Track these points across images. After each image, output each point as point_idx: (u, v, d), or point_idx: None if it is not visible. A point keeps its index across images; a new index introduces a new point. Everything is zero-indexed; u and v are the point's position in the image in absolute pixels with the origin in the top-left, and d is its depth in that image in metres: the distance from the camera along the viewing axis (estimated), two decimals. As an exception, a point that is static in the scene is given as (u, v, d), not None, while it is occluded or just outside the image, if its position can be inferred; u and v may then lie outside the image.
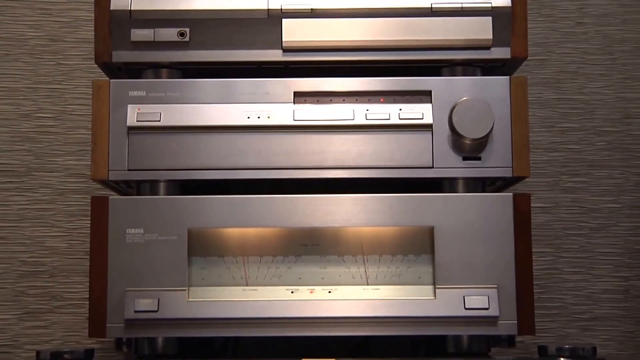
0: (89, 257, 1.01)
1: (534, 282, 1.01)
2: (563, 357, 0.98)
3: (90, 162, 1.03)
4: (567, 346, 0.99)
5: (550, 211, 1.38)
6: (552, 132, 1.39)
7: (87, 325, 1.00)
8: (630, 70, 1.41)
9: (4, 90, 1.40)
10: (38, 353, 1.00)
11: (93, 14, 1.04)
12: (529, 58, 1.06)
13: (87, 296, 1.00)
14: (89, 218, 1.01)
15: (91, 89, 1.03)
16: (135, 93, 1.03)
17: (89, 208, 1.01)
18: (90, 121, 1.03)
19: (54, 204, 1.38)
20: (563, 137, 1.39)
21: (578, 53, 1.41)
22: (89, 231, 1.01)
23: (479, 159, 1.01)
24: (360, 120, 1.01)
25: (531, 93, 1.05)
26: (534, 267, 1.01)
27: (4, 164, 1.38)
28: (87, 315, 1.00)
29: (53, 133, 1.39)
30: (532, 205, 1.01)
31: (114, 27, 1.03)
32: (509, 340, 1.08)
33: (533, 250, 1.01)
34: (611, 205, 1.38)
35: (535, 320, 1.00)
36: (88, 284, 1.00)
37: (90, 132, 1.03)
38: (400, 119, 1.01)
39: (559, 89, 1.40)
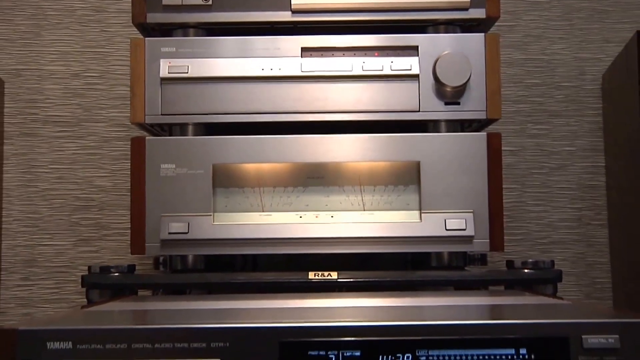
0: (130, 192, 1.00)
1: (504, 213, 1.00)
2: (527, 268, 0.98)
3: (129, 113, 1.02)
4: (530, 260, 0.99)
5: (517, 154, 1.37)
6: (519, 87, 1.38)
7: (130, 248, 0.99)
8: (585, 34, 1.39)
9: (56, 53, 1.38)
10: (89, 268, 0.99)
11: (131, -14, 1.02)
12: (500, 24, 1.04)
13: (130, 226, 0.99)
14: (130, 160, 1.00)
15: (129, 50, 1.02)
16: (167, 49, 1.02)
17: (129, 152, 1.00)
18: (129, 78, 1.01)
19: (101, 149, 1.37)
20: (528, 91, 1.38)
21: (542, 20, 1.39)
22: (130, 171, 1.00)
23: (459, 103, 1.01)
24: (357, 71, 1.00)
25: (502, 54, 1.04)
26: (503, 200, 1.00)
27: (58, 115, 1.37)
28: (130, 240, 0.99)
29: (99, 89, 1.37)
30: (502, 148, 1.00)
31: (148, -8, 1.03)
32: (482, 259, 1.08)
33: (503, 186, 1.00)
34: (568, 148, 1.37)
35: (504, 244, 1.00)
36: (130, 214, 0.99)
37: (129, 88, 1.01)
38: (391, 70, 1.00)
39: (525, 50, 1.39)
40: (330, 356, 0.66)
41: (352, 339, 0.66)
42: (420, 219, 0.99)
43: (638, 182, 1.10)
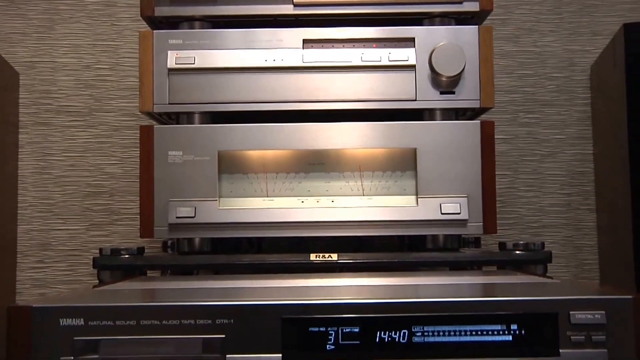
0: (139, 178, 1.00)
1: (496, 199, 0.99)
2: (518, 250, 0.98)
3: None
4: (521, 242, 0.99)
5: (509, 141, 1.36)
6: (511, 78, 1.37)
7: (139, 231, 0.99)
8: (575, 27, 1.38)
9: (69, 46, 1.37)
10: (101, 250, 1.00)
11: (139, -18, 1.02)
12: (493, 17, 1.04)
13: (139, 211, 0.99)
14: (139, 148, 1.00)
15: (138, 43, 1.02)
16: (174, 41, 1.01)
17: (138, 140, 1.00)
18: (138, 69, 1.01)
19: (111, 138, 1.36)
20: (520, 82, 1.38)
21: (532, 13, 1.38)
22: (139, 158, 1.00)
23: (453, 93, 1.00)
24: (356, 62, 1.00)
25: (495, 46, 1.04)
26: (496, 186, 1.00)
27: (70, 106, 1.36)
28: (139, 224, 0.99)
29: (109, 81, 1.37)
30: (495, 136, 1.00)
31: (156, -14, 1.02)
32: (476, 242, 1.08)
33: (496, 172, 1.00)
34: (558, 136, 1.37)
35: (497, 227, 0.99)
36: (139, 199, 0.99)
37: (138, 79, 1.01)
38: (389, 60, 1.00)
39: (517, 42, 1.38)
40: (330, 332, 0.66)
41: (351, 315, 0.66)
42: (417, 203, 0.98)
43: (624, 169, 1.10)
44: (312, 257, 0.96)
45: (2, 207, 1.24)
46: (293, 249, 1.10)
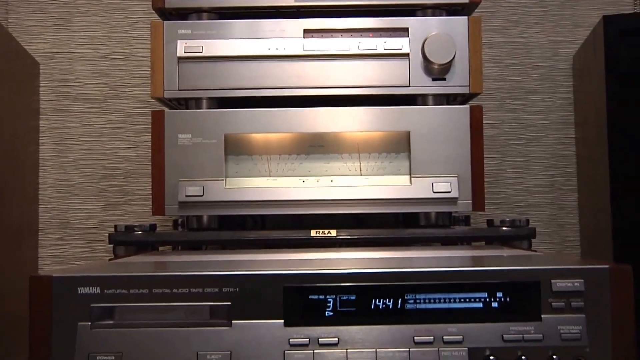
0: (151, 160, 1.00)
1: (485, 180, 0.99)
2: (505, 226, 0.98)
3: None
4: (507, 219, 0.99)
5: (497, 126, 1.36)
6: (499, 67, 1.37)
7: (152, 210, 1.00)
8: (558, 19, 1.37)
9: (85, 37, 1.37)
10: (116, 227, 1.00)
11: (152, -23, 1.02)
12: (482, 10, 1.03)
13: (151, 191, 0.99)
14: (151, 133, 1.00)
15: (150, 33, 1.01)
16: (183, 31, 1.01)
17: (150, 125, 1.00)
18: (150, 58, 1.01)
19: (125, 123, 1.36)
20: (507, 71, 1.37)
21: (519, 6, 1.38)
22: (151, 141, 1.00)
23: (445, 79, 1.00)
24: (354, 50, 1.00)
25: (483, 37, 1.03)
26: (484, 167, 0.99)
27: (87, 93, 1.36)
28: (151, 203, 0.99)
29: (123, 70, 1.37)
30: (484, 122, 1.00)
31: (166, -20, 1.02)
32: (465, 220, 1.08)
33: (484, 155, 1.00)
34: (542, 122, 1.37)
35: (485, 206, 0.99)
36: (151, 180, 0.99)
37: (150, 69, 1.01)
38: (384, 49, 1.00)
39: (505, 34, 1.37)
40: (329, 300, 0.66)
41: (348, 284, 0.67)
42: (410, 182, 0.98)
43: (604, 152, 1.10)
44: (313, 233, 0.96)
45: (24, 189, 1.24)
46: (294, 226, 1.10)
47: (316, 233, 0.96)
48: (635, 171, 1.05)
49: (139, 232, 0.98)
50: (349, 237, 0.96)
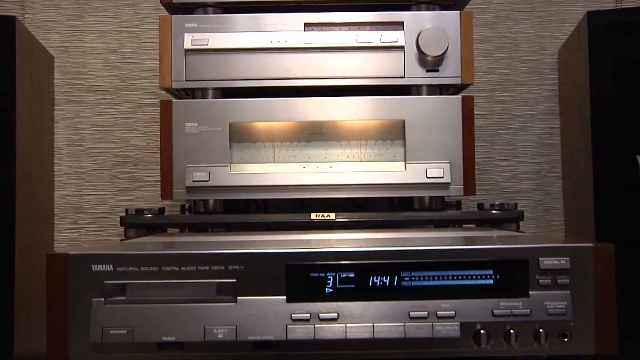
0: (159, 148, 0.99)
1: (475, 167, 0.99)
2: (494, 210, 0.98)
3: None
4: (497, 203, 0.99)
5: (487, 117, 1.36)
6: (489, 60, 1.36)
7: (160, 194, 0.99)
8: (544, 15, 1.37)
9: (97, 32, 1.36)
10: (127, 210, 0.99)
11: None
12: (473, 6, 1.03)
13: (160, 176, 0.99)
14: (159, 122, 0.99)
15: (158, 27, 1.01)
16: (190, 25, 1.00)
17: (159, 115, 0.99)
18: (158, 51, 1.00)
19: (135, 114, 1.36)
20: (497, 64, 1.37)
21: (507, 3, 1.37)
22: (159, 129, 1.00)
23: (438, 71, 1.00)
24: (352, 43, 0.99)
25: (474, 32, 1.02)
26: (475, 154, 0.99)
27: (99, 85, 1.36)
28: (160, 188, 0.99)
29: (133, 63, 1.36)
30: (474, 112, 1.00)
31: (173, -23, 1.01)
32: (457, 205, 1.07)
33: (475, 143, 0.99)
34: (529, 112, 1.36)
35: (476, 190, 0.99)
36: (160, 166, 0.99)
37: (158, 61, 1.00)
38: (381, 42, 0.99)
39: (494, 29, 1.37)
40: (329, 277, 0.66)
41: (347, 262, 0.66)
42: (405, 168, 0.98)
43: (587, 141, 1.10)
44: (313, 216, 0.96)
45: (41, 176, 1.23)
46: (296, 210, 1.09)
47: (316, 216, 0.96)
48: (615, 159, 1.05)
49: (149, 215, 0.98)
50: (347, 220, 0.96)
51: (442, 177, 0.97)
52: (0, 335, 0.95)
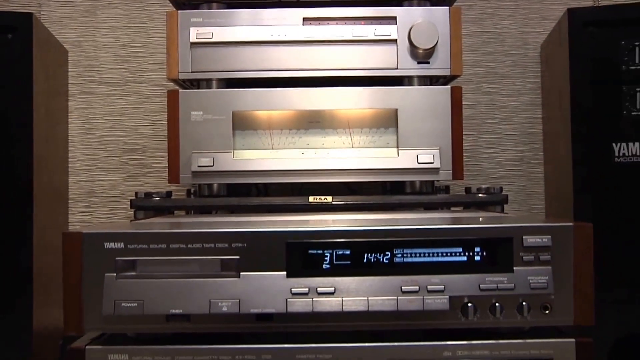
0: (167, 135, 0.99)
1: (463, 152, 0.99)
2: (481, 193, 0.97)
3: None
4: (483, 187, 0.98)
5: (474, 107, 1.35)
6: (476, 54, 1.36)
7: (168, 178, 0.99)
8: (528, 12, 1.36)
9: (108, 28, 1.35)
10: (136, 193, 0.99)
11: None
12: (461, 3, 1.02)
13: (167, 162, 0.98)
14: (166, 112, 0.99)
15: (165, 21, 1.00)
16: (195, 19, 1.00)
17: (166, 105, 0.99)
18: (165, 44, 1.00)
19: (144, 104, 1.35)
20: (483, 57, 1.36)
21: (493, 0, 1.36)
22: (167, 118, 0.99)
23: (428, 63, 0.99)
24: (348, 36, 0.99)
25: (462, 27, 1.02)
26: (463, 141, 0.99)
27: (110, 77, 1.35)
28: (167, 173, 0.98)
29: (141, 56, 1.35)
30: (462, 102, 0.99)
31: (179, -26, 1.00)
32: (446, 190, 1.07)
33: (463, 131, 0.99)
34: (513, 103, 1.36)
35: (463, 175, 0.99)
36: (167, 155, 0.98)
37: (166, 55, 1.00)
38: (375, 35, 0.99)
39: (481, 25, 1.36)
40: (326, 254, 0.66)
41: (343, 240, 0.66)
42: (398, 154, 0.98)
43: (566, 130, 1.09)
44: (310, 199, 0.96)
45: (56, 162, 1.23)
46: (295, 193, 1.09)
47: (314, 199, 0.96)
48: (593, 146, 1.04)
49: (157, 198, 0.98)
50: (342, 202, 0.96)
51: (432, 163, 0.96)
52: (20, 309, 0.95)
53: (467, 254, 0.66)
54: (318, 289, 0.65)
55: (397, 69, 0.99)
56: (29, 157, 0.98)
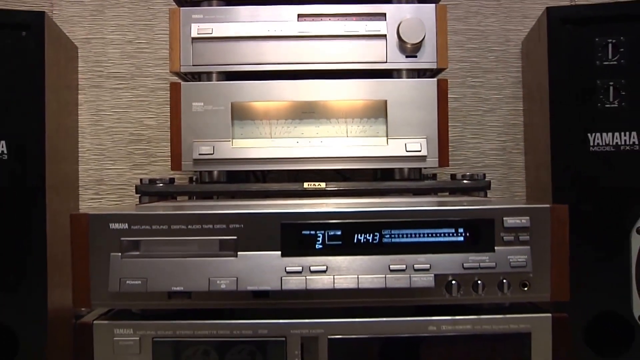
0: (170, 125, 0.98)
1: (449, 142, 0.98)
2: (465, 180, 0.97)
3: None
4: (467, 174, 0.98)
5: (459, 100, 1.34)
6: (461, 50, 1.35)
7: (170, 166, 0.98)
8: (509, 11, 1.35)
9: (115, 25, 1.34)
10: (141, 180, 0.98)
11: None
12: (447, 2, 1.01)
13: (170, 151, 0.97)
14: (169, 104, 0.98)
15: (168, 18, 0.99)
16: (196, 16, 0.98)
17: (169, 98, 0.98)
18: (168, 40, 0.99)
19: (149, 97, 1.34)
20: (468, 53, 1.35)
21: (478, -1, 1.35)
22: (169, 109, 0.98)
23: (416, 56, 0.98)
24: (340, 32, 0.98)
25: (448, 24, 1.01)
26: (449, 131, 0.98)
27: (117, 72, 1.33)
28: (170, 161, 0.98)
29: (147, 52, 1.34)
30: (448, 96, 0.98)
31: (181, -28, 0.99)
32: (433, 177, 1.07)
33: (449, 122, 0.98)
34: (496, 96, 1.35)
35: (449, 163, 0.98)
36: (170, 142, 0.97)
37: (169, 49, 0.99)
38: (366, 31, 0.98)
39: (466, 23, 1.35)
40: (319, 235, 0.66)
41: (335, 221, 0.66)
42: (387, 143, 0.97)
43: (545, 121, 1.09)
44: (305, 185, 0.95)
45: (67, 152, 1.22)
46: (290, 180, 1.09)
47: (308, 185, 0.95)
48: (570, 136, 1.04)
49: (161, 184, 0.97)
50: (335, 188, 0.95)
51: (419, 151, 0.96)
52: (36, 291, 0.94)
53: (451, 234, 0.66)
54: (311, 267, 0.64)
55: (386, 62, 0.98)
56: (41, 147, 0.98)
